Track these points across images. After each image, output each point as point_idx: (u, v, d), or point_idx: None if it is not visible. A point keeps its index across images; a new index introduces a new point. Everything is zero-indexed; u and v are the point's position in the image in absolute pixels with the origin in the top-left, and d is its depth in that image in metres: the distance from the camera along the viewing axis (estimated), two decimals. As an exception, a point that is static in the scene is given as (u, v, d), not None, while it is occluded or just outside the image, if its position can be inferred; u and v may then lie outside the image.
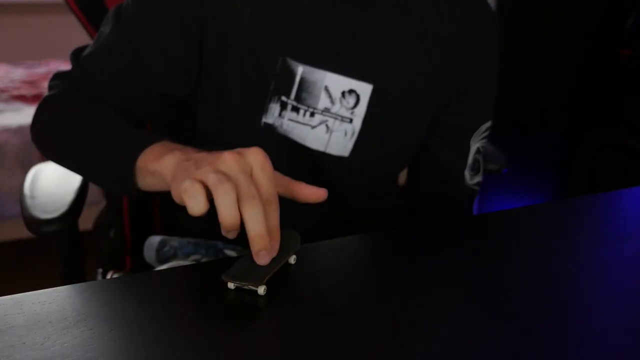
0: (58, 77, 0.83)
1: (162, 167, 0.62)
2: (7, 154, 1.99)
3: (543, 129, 2.28)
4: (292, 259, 0.62)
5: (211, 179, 0.54)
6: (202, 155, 0.59)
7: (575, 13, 2.16)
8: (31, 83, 2.44)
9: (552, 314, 0.58)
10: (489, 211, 2.16)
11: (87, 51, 0.82)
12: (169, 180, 0.60)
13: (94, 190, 1.02)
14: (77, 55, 0.82)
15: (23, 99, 2.25)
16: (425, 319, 0.57)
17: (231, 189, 0.54)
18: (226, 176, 0.55)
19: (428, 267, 0.66)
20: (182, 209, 0.97)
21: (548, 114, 2.27)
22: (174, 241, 0.90)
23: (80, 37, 0.92)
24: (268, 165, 0.58)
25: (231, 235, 0.56)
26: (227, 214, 0.54)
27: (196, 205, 0.54)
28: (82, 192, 0.92)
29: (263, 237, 0.55)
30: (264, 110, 0.80)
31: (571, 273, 0.66)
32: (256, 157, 0.58)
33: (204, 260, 0.87)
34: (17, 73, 2.56)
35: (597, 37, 2.19)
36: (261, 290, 0.56)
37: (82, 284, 0.61)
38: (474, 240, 0.75)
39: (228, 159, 0.57)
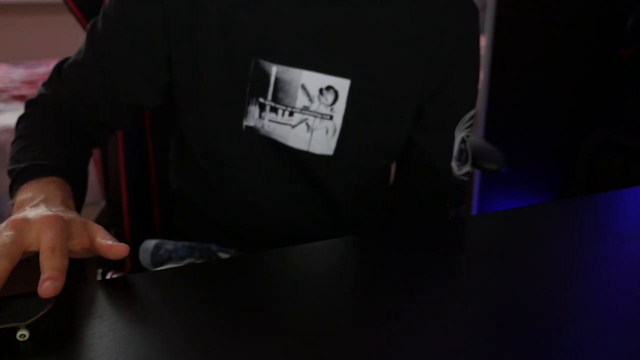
0: (43, 83, 0.86)
1: (14, 205, 0.65)
2: (7, 154, 1.98)
3: (543, 129, 2.28)
4: (19, 335, 0.50)
5: None
6: (21, 211, 0.60)
7: (575, 13, 2.16)
8: (31, 83, 2.44)
9: (552, 313, 0.58)
10: (489, 211, 2.16)
11: (67, 62, 0.85)
12: None
13: (94, 190, 1.02)
14: (59, 66, 0.85)
15: (23, 99, 2.25)
16: (423, 320, 0.57)
17: None
18: None
19: (426, 267, 0.66)
20: (178, 213, 0.98)
21: (548, 114, 2.27)
22: (169, 245, 0.90)
23: (80, 37, 0.92)
24: (53, 222, 0.57)
25: None
26: None
27: None
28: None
29: None
30: (244, 113, 0.80)
31: (571, 273, 0.66)
32: (43, 219, 0.58)
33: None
34: (17, 73, 2.56)
35: (597, 37, 2.19)
36: None
37: (83, 283, 0.61)
38: (473, 240, 0.75)
39: (11, 224, 0.57)
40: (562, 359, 0.52)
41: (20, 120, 0.82)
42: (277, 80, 0.79)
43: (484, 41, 2.09)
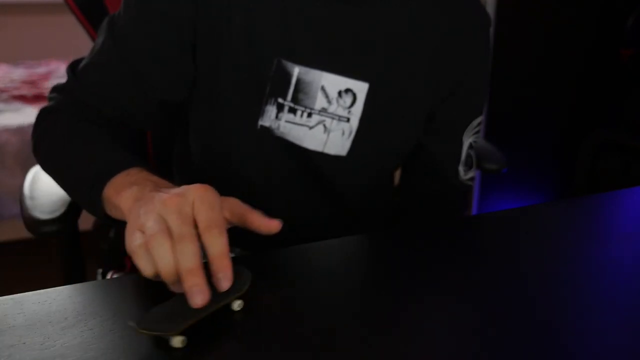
0: (55, 89, 0.83)
1: (120, 202, 0.62)
2: (7, 154, 1.99)
3: (543, 129, 2.28)
4: (237, 305, 0.55)
5: (147, 233, 0.54)
6: (151, 197, 0.58)
7: (575, 13, 2.16)
8: (31, 83, 2.44)
9: (552, 313, 0.58)
10: (489, 211, 2.16)
11: (82, 63, 0.82)
12: (127, 218, 0.59)
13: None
14: (73, 68, 0.82)
15: (23, 99, 2.25)
16: (424, 320, 0.57)
17: (163, 240, 0.53)
18: (159, 225, 0.54)
19: (427, 267, 0.66)
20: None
21: (548, 114, 2.27)
22: None
23: (80, 37, 0.92)
24: (208, 195, 0.57)
25: (176, 288, 0.54)
26: (163, 265, 0.53)
27: (146, 269, 0.54)
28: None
29: (193, 273, 0.52)
30: (260, 113, 0.80)
31: (571, 273, 0.66)
32: (196, 191, 0.57)
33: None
34: (17, 73, 2.56)
35: (597, 37, 2.19)
36: (177, 342, 0.50)
37: (82, 284, 0.61)
38: (473, 240, 0.75)
39: (169, 202, 0.55)
40: (563, 358, 0.52)
41: (45, 133, 0.78)
42: (298, 81, 0.78)
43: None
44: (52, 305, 0.55)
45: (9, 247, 2.03)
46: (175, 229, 0.53)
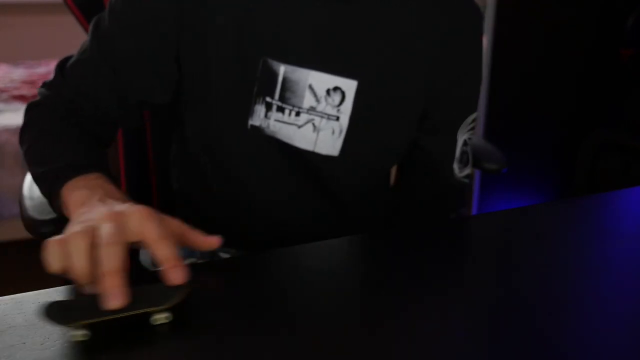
0: (44, 85, 0.84)
1: (69, 202, 0.64)
2: (7, 154, 1.99)
3: (543, 129, 2.28)
4: (157, 318, 0.53)
5: (67, 234, 0.55)
6: (94, 206, 0.60)
7: (575, 13, 2.16)
8: (31, 83, 2.44)
9: (551, 313, 0.58)
10: (489, 211, 2.16)
11: (70, 61, 0.83)
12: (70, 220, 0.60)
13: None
14: (62, 65, 0.84)
15: (23, 99, 2.25)
16: (424, 319, 0.57)
17: (81, 239, 0.53)
18: (84, 228, 0.54)
19: (427, 267, 0.66)
20: (179, 213, 0.98)
21: (548, 114, 2.27)
22: None
23: (80, 37, 0.92)
24: (152, 214, 0.57)
25: (88, 289, 0.54)
26: (75, 262, 0.53)
27: (53, 264, 0.54)
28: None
29: (112, 275, 0.51)
30: (249, 112, 0.80)
31: (571, 273, 0.66)
32: (140, 210, 0.57)
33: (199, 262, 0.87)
34: (17, 73, 2.56)
35: (597, 37, 2.19)
36: (79, 335, 0.50)
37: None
38: (473, 240, 0.75)
39: (107, 217, 0.56)
40: (563, 358, 0.52)
41: (27, 125, 0.80)
42: (284, 80, 0.79)
43: (484, 41, 2.09)
44: (52, 305, 0.55)
45: (9, 247, 2.03)
46: (104, 236, 0.53)
